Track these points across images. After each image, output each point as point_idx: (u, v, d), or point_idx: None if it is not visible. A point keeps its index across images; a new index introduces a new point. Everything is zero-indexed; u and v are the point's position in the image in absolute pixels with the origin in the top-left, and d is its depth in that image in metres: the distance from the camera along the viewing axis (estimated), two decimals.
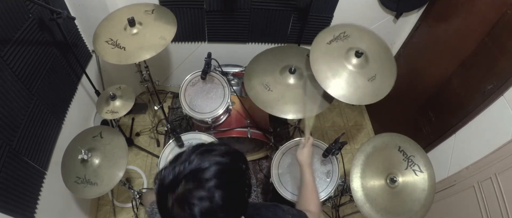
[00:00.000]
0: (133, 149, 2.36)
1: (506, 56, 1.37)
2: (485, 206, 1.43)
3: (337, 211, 2.06)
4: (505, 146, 1.35)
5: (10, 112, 1.31)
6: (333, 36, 1.51)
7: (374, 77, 1.46)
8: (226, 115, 1.81)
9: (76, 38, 1.85)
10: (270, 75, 1.63)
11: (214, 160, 0.62)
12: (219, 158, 0.63)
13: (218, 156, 0.64)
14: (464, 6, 1.64)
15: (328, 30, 1.54)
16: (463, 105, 1.61)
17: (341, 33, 1.52)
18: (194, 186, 0.60)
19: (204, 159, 0.62)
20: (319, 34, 1.52)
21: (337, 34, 1.52)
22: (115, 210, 2.09)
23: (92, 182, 1.42)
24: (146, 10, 1.57)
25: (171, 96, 2.69)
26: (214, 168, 0.61)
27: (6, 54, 1.28)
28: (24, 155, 1.38)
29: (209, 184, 0.60)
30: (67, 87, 1.82)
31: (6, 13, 1.27)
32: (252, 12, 1.96)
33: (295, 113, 1.54)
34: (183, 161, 0.63)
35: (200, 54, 2.19)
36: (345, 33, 1.52)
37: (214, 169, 0.61)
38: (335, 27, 1.55)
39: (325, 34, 1.52)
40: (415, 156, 1.48)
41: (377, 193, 1.42)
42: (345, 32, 1.52)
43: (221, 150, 0.66)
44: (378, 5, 1.97)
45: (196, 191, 0.59)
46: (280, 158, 1.56)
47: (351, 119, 2.72)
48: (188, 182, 0.60)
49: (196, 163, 0.62)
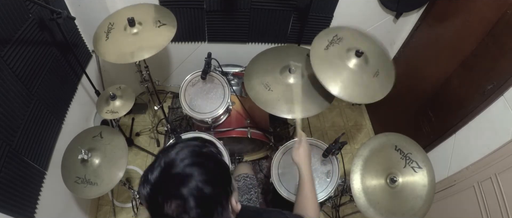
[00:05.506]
0: (133, 149, 2.36)
1: (506, 56, 1.37)
2: (485, 206, 1.43)
3: (337, 211, 2.06)
4: (505, 146, 1.35)
5: (10, 112, 1.31)
6: (328, 41, 1.52)
7: (378, 72, 1.47)
8: (226, 115, 1.81)
9: (76, 38, 1.85)
10: (270, 75, 1.63)
11: (178, 148, 0.67)
12: (181, 147, 0.67)
13: (180, 148, 0.67)
14: (464, 6, 1.64)
15: (321, 36, 1.54)
16: (463, 105, 1.61)
17: (334, 37, 1.53)
18: (171, 173, 0.63)
19: (168, 153, 0.66)
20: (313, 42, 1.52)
21: (331, 38, 1.53)
22: (115, 210, 2.09)
23: (92, 182, 1.42)
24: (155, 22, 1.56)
25: (171, 96, 2.69)
26: (181, 160, 0.64)
27: (6, 54, 1.28)
28: (24, 155, 1.38)
29: (182, 165, 0.63)
30: (67, 87, 1.82)
31: (6, 13, 1.27)
32: (252, 12, 1.96)
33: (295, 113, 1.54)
34: (153, 168, 0.65)
35: (200, 54, 2.19)
36: (338, 35, 1.53)
37: (182, 154, 0.65)
38: (327, 31, 1.56)
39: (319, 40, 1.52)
40: (412, 153, 1.48)
41: (379, 196, 1.41)
42: (337, 35, 1.53)
43: (181, 144, 0.69)
44: (378, 5, 1.97)
45: (175, 174, 0.62)
46: (280, 158, 1.56)
47: (351, 119, 2.72)
48: (165, 175, 0.63)
49: (164, 159, 0.65)
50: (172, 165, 0.63)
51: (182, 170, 0.63)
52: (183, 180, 0.61)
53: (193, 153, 0.66)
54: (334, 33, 1.55)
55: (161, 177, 0.63)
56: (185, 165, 0.63)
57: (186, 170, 0.62)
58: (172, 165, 0.63)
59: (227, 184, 0.69)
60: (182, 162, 0.63)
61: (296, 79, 1.60)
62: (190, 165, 0.63)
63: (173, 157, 0.65)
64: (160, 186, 0.63)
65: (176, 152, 0.65)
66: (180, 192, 0.60)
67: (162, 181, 0.63)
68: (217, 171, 0.67)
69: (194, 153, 0.66)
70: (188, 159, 0.64)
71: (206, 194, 0.62)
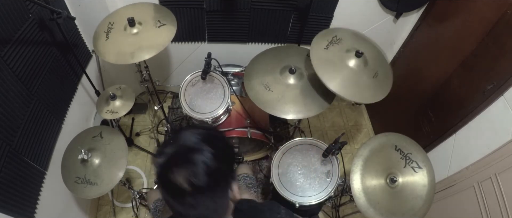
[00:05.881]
0: (133, 149, 2.36)
1: (506, 56, 1.37)
2: (485, 206, 1.43)
3: (337, 211, 2.06)
4: (505, 146, 1.35)
5: (10, 112, 1.31)
6: (328, 41, 1.52)
7: (377, 74, 1.47)
8: (226, 115, 1.81)
9: (76, 38, 1.85)
10: (270, 75, 1.64)
11: (191, 129, 0.74)
12: (193, 129, 0.75)
13: (192, 129, 0.75)
14: (464, 6, 1.64)
15: (320, 35, 1.55)
16: (463, 105, 1.61)
17: (334, 37, 1.54)
18: (184, 146, 0.70)
19: (185, 134, 0.73)
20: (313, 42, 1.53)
21: (330, 38, 1.53)
22: (115, 210, 2.09)
23: (92, 182, 1.42)
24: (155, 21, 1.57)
25: (171, 96, 2.69)
26: (195, 137, 0.71)
27: (6, 54, 1.28)
28: (24, 155, 1.38)
29: (194, 140, 0.70)
30: (67, 87, 1.82)
31: (6, 13, 1.27)
32: (252, 12, 1.96)
33: (295, 113, 1.54)
34: (168, 144, 0.73)
35: (200, 54, 2.19)
36: (337, 36, 1.54)
37: (195, 133, 0.72)
38: (326, 32, 1.57)
39: (319, 40, 1.53)
40: (412, 153, 1.48)
41: (379, 196, 1.41)
42: (336, 36, 1.54)
43: (192, 127, 0.77)
44: (378, 5, 1.97)
45: (190, 153, 0.68)
46: (280, 158, 1.56)
47: (351, 119, 2.72)
48: (181, 153, 0.70)
49: (181, 139, 0.72)
50: (186, 140, 0.71)
51: (194, 144, 0.70)
52: (195, 151, 0.68)
53: (204, 133, 0.73)
54: (333, 33, 1.55)
55: (176, 149, 0.70)
56: (198, 140, 0.70)
57: (198, 145, 0.70)
58: (186, 140, 0.71)
59: (232, 165, 0.78)
60: (195, 138, 0.71)
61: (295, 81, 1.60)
62: (201, 141, 0.70)
63: (187, 135, 0.72)
64: (174, 155, 0.69)
65: (190, 132, 0.73)
66: (192, 159, 0.67)
67: (176, 152, 0.70)
68: (225, 151, 0.75)
69: (206, 134, 0.73)
70: (200, 137, 0.71)
71: (215, 166, 0.68)
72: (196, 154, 0.68)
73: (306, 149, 1.58)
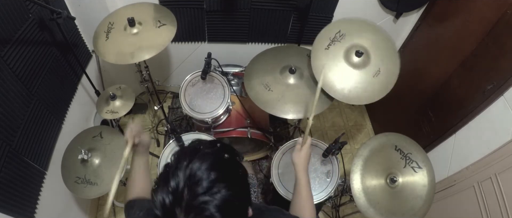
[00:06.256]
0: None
1: (506, 56, 1.37)
2: (485, 206, 1.43)
3: (337, 211, 2.06)
4: (505, 146, 1.35)
5: (10, 112, 1.31)
6: (330, 39, 1.51)
7: (379, 71, 1.46)
8: (226, 115, 1.81)
9: (76, 38, 1.85)
10: (270, 75, 1.64)
11: (201, 158, 0.62)
12: (204, 155, 0.63)
13: (204, 154, 0.63)
14: (464, 6, 1.64)
15: (322, 34, 1.53)
16: (463, 105, 1.61)
17: (336, 34, 1.51)
18: (196, 188, 0.58)
19: (193, 161, 0.61)
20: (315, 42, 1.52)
21: (333, 35, 1.51)
22: (115, 210, 2.09)
23: (92, 182, 1.42)
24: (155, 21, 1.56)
25: (171, 96, 2.69)
26: (204, 165, 0.60)
27: (6, 54, 1.28)
28: (24, 155, 1.38)
29: (208, 178, 0.59)
30: (67, 87, 1.82)
31: (6, 13, 1.27)
32: (252, 12, 1.96)
33: (295, 113, 1.54)
34: (174, 173, 0.60)
35: (200, 54, 2.19)
36: (340, 32, 1.51)
37: (205, 166, 0.60)
38: (329, 28, 1.54)
39: (321, 40, 1.52)
40: (412, 153, 1.48)
41: (379, 196, 1.41)
42: (340, 31, 1.51)
43: (204, 149, 0.65)
44: (378, 5, 1.97)
45: (201, 190, 0.58)
46: (280, 158, 1.56)
47: (351, 119, 2.72)
48: (189, 188, 0.58)
49: (188, 169, 0.60)
50: (195, 177, 0.59)
51: (205, 184, 0.59)
52: (206, 194, 0.58)
53: (213, 163, 0.62)
54: (337, 29, 1.52)
55: (181, 191, 0.58)
56: (207, 177, 0.59)
57: (208, 183, 0.59)
58: (195, 177, 0.59)
59: (248, 192, 0.68)
60: (205, 174, 0.60)
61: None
62: (213, 179, 0.60)
63: (193, 169, 0.60)
64: (180, 199, 0.58)
65: (199, 163, 0.61)
66: (204, 207, 0.57)
67: (181, 197, 0.58)
68: (241, 182, 0.66)
69: (215, 162, 0.62)
70: (210, 168, 0.61)
71: (231, 206, 0.60)
72: (208, 199, 0.57)
73: None
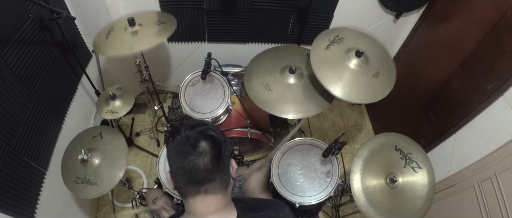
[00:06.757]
0: (133, 149, 2.36)
1: (506, 56, 1.37)
2: (485, 206, 1.43)
3: (337, 211, 2.06)
4: (505, 146, 1.35)
5: (10, 112, 1.31)
6: (329, 40, 1.52)
7: (378, 73, 1.47)
8: (226, 115, 1.81)
9: (76, 38, 1.85)
10: (270, 75, 1.63)
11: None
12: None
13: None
14: (464, 6, 1.64)
15: (322, 35, 1.54)
16: (463, 105, 1.61)
17: (335, 37, 1.53)
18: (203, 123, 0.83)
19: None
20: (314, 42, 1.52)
21: (332, 38, 1.52)
22: (115, 210, 2.09)
23: (92, 182, 1.42)
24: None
25: (171, 96, 2.69)
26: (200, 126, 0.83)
27: (6, 54, 1.28)
28: (24, 155, 1.38)
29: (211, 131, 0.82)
30: (67, 87, 1.82)
31: (6, 13, 1.27)
32: (252, 12, 1.96)
33: (295, 112, 1.54)
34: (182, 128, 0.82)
35: (200, 54, 2.19)
36: (339, 36, 1.53)
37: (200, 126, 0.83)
38: (328, 32, 1.56)
39: (320, 40, 1.52)
40: (412, 153, 1.48)
41: (379, 196, 1.41)
42: (338, 35, 1.53)
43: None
44: (378, 5, 1.97)
45: (205, 125, 0.82)
46: (280, 158, 1.56)
47: (351, 119, 2.72)
48: (200, 125, 0.82)
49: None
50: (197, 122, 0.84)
51: (204, 124, 0.83)
52: (205, 125, 0.83)
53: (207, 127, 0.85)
54: (335, 33, 1.54)
55: (192, 123, 0.83)
56: (205, 128, 0.82)
57: (206, 124, 0.83)
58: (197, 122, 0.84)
59: (229, 149, 0.89)
60: (202, 127, 0.82)
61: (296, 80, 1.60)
62: (208, 129, 0.82)
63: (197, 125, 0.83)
64: (193, 125, 0.82)
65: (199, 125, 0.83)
66: (207, 130, 0.80)
67: (194, 125, 0.82)
68: (225, 138, 0.88)
69: (209, 127, 0.84)
70: (206, 126, 0.83)
71: (222, 139, 0.82)
72: (208, 128, 0.82)
73: (306, 149, 1.58)
